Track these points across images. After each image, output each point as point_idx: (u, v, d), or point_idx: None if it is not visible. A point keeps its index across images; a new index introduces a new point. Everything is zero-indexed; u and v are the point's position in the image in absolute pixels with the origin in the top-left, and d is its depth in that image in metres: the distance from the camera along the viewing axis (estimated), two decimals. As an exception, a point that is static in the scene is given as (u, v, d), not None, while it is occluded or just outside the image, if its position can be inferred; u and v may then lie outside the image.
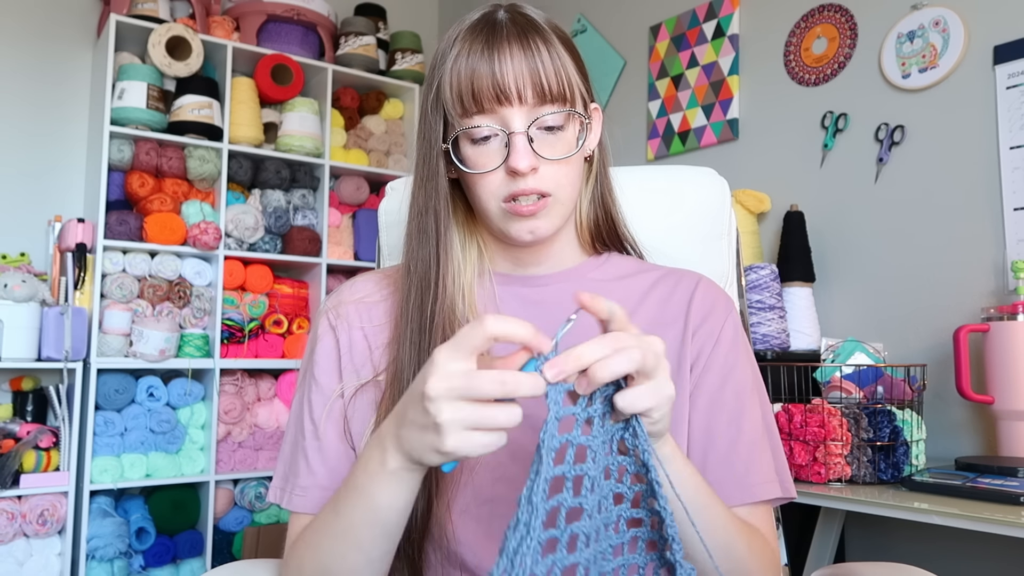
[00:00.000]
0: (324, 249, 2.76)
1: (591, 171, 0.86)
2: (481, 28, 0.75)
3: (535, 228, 0.76)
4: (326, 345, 0.81)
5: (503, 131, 0.74)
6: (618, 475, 0.60)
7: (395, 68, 3.05)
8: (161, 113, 2.51)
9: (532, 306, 0.82)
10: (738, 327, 0.84)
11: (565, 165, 0.76)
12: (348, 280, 0.88)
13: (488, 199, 0.76)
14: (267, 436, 2.64)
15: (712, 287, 0.85)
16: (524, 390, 0.55)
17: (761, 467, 0.77)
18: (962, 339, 1.56)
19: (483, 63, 0.73)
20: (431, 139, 0.78)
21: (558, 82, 0.74)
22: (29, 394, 2.40)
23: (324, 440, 0.77)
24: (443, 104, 0.76)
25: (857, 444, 1.45)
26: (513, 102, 0.73)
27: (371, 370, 0.79)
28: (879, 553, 1.87)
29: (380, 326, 0.82)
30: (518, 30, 0.74)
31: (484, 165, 0.75)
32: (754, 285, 1.87)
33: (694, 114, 2.39)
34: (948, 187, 1.82)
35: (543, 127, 0.74)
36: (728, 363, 0.80)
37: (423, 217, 0.79)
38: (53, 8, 2.69)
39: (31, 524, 2.16)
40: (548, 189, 0.75)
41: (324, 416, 0.78)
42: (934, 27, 1.85)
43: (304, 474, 0.77)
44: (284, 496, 0.78)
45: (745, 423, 0.78)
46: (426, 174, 0.79)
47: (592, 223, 0.86)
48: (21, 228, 2.58)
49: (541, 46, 0.74)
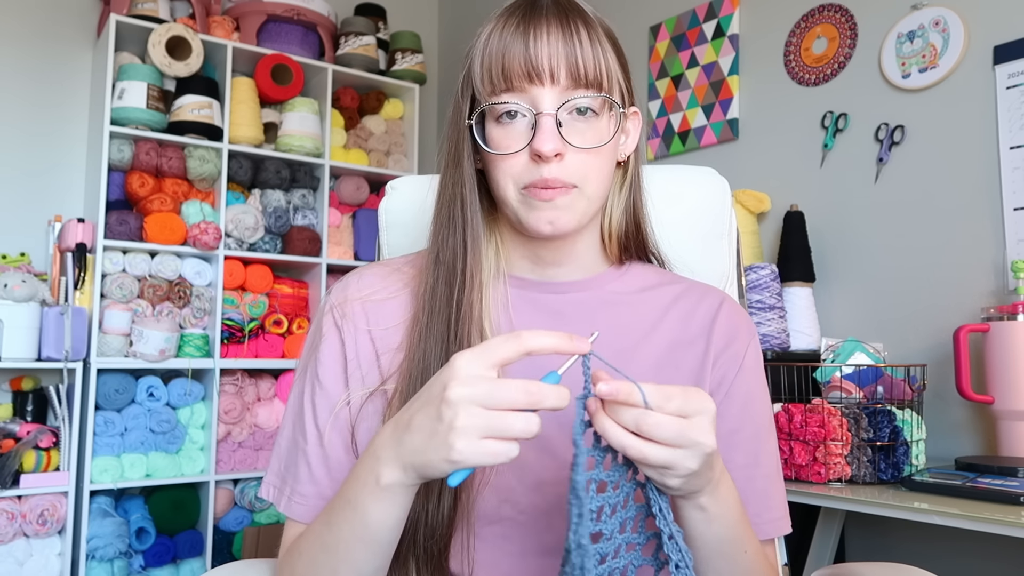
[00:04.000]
0: (324, 249, 2.76)
1: (625, 178, 0.81)
2: (521, 6, 0.71)
3: (555, 219, 0.70)
4: (331, 346, 0.77)
5: (531, 111, 0.69)
6: (633, 525, 0.60)
7: (395, 68, 3.05)
8: (161, 113, 2.51)
9: (548, 315, 0.79)
10: (758, 354, 0.81)
11: (595, 157, 0.71)
12: (354, 272, 0.83)
13: (507, 184, 0.71)
14: (267, 436, 2.64)
15: (735, 309, 0.82)
16: (550, 401, 0.53)
17: (775, 503, 0.76)
18: (962, 339, 1.56)
19: (517, 39, 0.69)
20: (459, 122, 0.74)
21: (595, 67, 0.70)
22: (29, 394, 2.40)
23: (329, 449, 0.74)
24: (472, 82, 0.72)
25: (857, 444, 1.45)
26: (545, 82, 0.68)
27: (377, 377, 0.76)
28: (879, 553, 1.87)
29: (388, 329, 0.77)
30: (559, 10, 0.70)
31: (508, 146, 0.70)
32: (754, 285, 1.87)
33: (694, 114, 2.39)
34: (948, 187, 1.82)
35: (574, 110, 0.70)
36: (750, 392, 0.78)
37: (452, 205, 0.75)
38: (53, 8, 2.69)
39: (31, 524, 2.16)
40: (573, 180, 0.70)
41: (329, 425, 0.74)
42: (934, 27, 1.85)
43: (306, 481, 0.74)
44: (282, 499, 0.75)
45: (763, 456, 0.76)
46: (453, 159, 0.75)
47: (622, 233, 0.82)
48: (21, 228, 2.57)
49: (582, 28, 0.70)
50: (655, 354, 0.78)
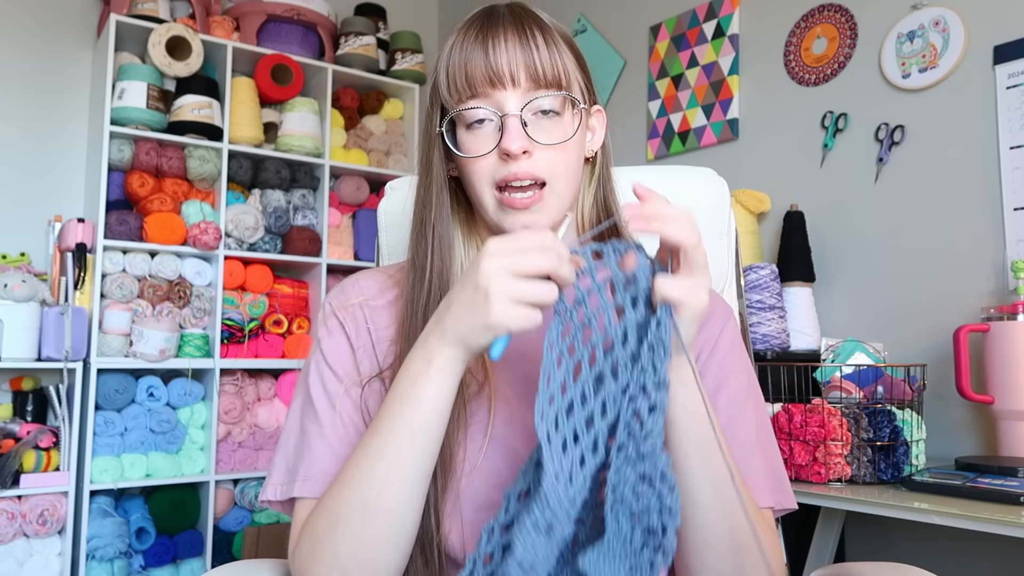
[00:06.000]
0: (324, 249, 2.76)
1: (593, 173, 0.84)
2: (479, 19, 0.76)
3: (531, 223, 0.74)
4: (337, 339, 0.80)
5: (496, 114, 0.73)
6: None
7: (395, 68, 3.05)
8: (161, 113, 2.51)
9: None
10: (735, 335, 0.84)
11: (561, 152, 0.75)
12: (350, 277, 0.86)
13: (481, 185, 0.75)
14: (267, 436, 2.64)
15: (710, 295, 0.83)
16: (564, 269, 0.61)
17: (751, 473, 0.76)
18: (962, 339, 1.56)
19: (477, 49, 0.73)
20: (431, 132, 0.79)
21: (553, 67, 0.74)
22: (29, 394, 2.40)
23: (347, 426, 0.75)
24: (440, 93, 0.76)
25: (857, 444, 1.45)
26: (506, 85, 0.73)
27: (377, 367, 0.79)
28: (879, 553, 1.87)
29: (383, 329, 0.81)
30: (515, 19, 0.75)
31: (477, 149, 0.74)
32: (754, 285, 1.87)
33: (694, 114, 2.39)
34: (948, 187, 1.82)
35: (538, 111, 0.74)
36: (723, 370, 0.80)
37: (423, 211, 0.79)
38: (53, 8, 2.69)
39: (31, 524, 2.16)
40: (542, 175, 0.74)
41: (346, 402, 0.76)
42: (934, 27, 1.85)
43: (322, 458, 0.74)
44: (295, 485, 0.74)
45: (739, 430, 0.78)
46: (424, 167, 0.80)
47: (594, 226, 0.85)
48: (21, 228, 2.58)
49: (537, 34, 0.74)
50: None
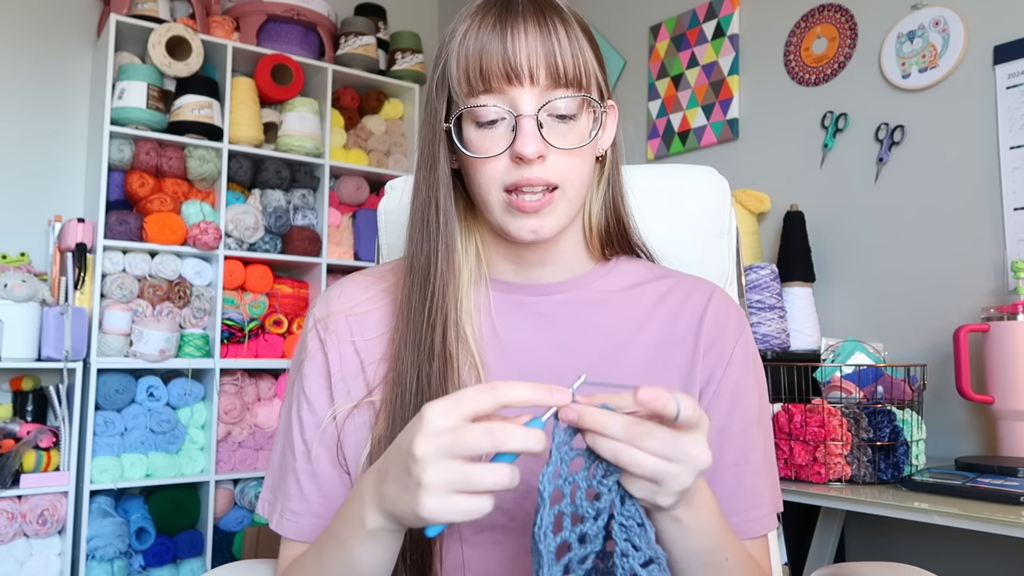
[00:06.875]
0: (324, 249, 2.76)
1: (603, 172, 0.80)
2: (495, 3, 0.70)
3: (538, 227, 0.70)
4: (315, 362, 0.77)
5: (511, 113, 0.68)
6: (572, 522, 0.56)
7: (395, 68, 3.05)
8: (161, 113, 2.51)
9: (533, 318, 0.77)
10: (749, 347, 0.79)
11: (576, 157, 0.70)
12: (336, 284, 0.82)
13: (489, 188, 0.70)
14: (267, 436, 2.64)
15: (725, 302, 0.80)
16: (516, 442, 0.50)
17: (764, 500, 0.75)
18: (962, 339, 1.56)
19: (494, 39, 0.67)
20: (434, 123, 0.73)
21: (574, 65, 0.68)
22: (29, 394, 2.40)
23: (316, 465, 0.74)
24: (448, 83, 0.70)
25: (857, 444, 1.45)
26: (524, 82, 0.67)
27: (363, 388, 0.75)
28: (879, 553, 1.87)
29: (372, 340, 0.76)
30: (535, 7, 0.69)
31: (488, 150, 0.69)
32: (754, 285, 1.87)
33: (694, 114, 2.39)
34: (948, 187, 1.82)
35: (554, 114, 0.69)
36: (738, 388, 0.76)
37: (425, 209, 0.74)
38: (53, 8, 2.69)
39: (31, 524, 2.16)
40: (555, 180, 0.69)
41: (316, 440, 0.74)
42: (934, 27, 1.85)
43: (296, 498, 0.74)
44: (274, 516, 0.75)
45: (752, 453, 0.75)
46: (428, 161, 0.74)
47: (602, 228, 0.80)
48: (21, 228, 2.57)
49: (559, 25, 0.68)
50: (644, 354, 0.77)
